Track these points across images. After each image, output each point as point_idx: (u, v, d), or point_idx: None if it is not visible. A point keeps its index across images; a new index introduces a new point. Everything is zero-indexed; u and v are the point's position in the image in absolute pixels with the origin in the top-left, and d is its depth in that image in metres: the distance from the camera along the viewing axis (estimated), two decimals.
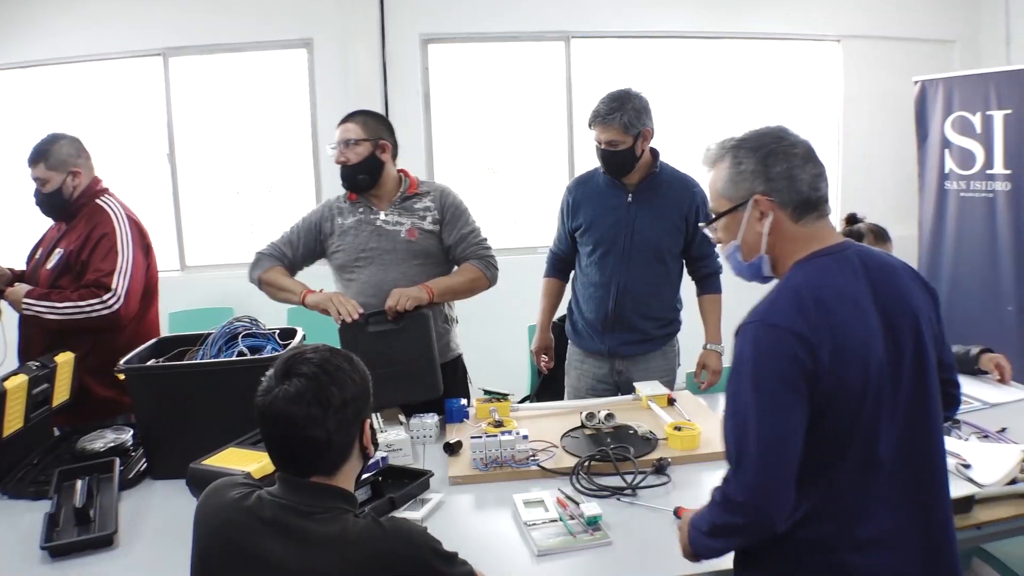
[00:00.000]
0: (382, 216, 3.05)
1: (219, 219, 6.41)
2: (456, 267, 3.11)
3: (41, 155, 3.14)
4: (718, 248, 1.81)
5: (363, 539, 1.46)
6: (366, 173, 3.01)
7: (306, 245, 3.15)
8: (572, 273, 3.43)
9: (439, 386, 2.85)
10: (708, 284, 3.33)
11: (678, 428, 2.56)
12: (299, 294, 2.96)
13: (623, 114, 3.00)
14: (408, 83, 5.99)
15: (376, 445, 1.74)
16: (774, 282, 1.71)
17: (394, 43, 5.97)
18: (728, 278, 3.26)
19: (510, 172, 6.23)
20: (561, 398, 3.45)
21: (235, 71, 6.20)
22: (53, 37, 6.06)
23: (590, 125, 3.11)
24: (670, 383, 3.21)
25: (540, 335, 3.49)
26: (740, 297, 2.05)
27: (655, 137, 3.13)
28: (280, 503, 1.50)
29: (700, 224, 1.82)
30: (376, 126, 3.06)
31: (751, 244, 1.70)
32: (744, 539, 1.64)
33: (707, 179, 1.78)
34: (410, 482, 2.28)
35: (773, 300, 1.60)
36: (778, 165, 1.64)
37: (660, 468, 2.35)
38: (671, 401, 2.91)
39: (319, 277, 3.19)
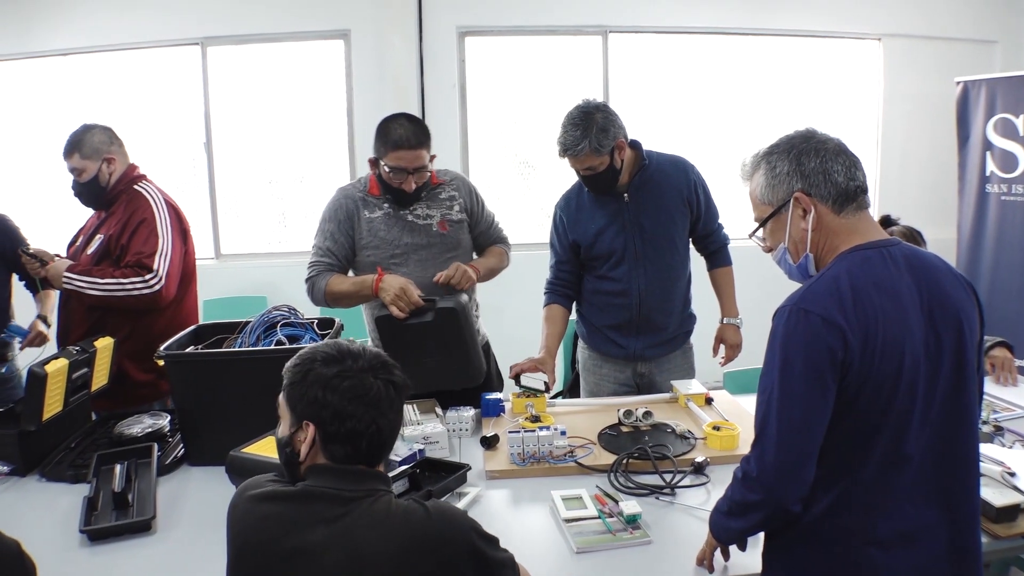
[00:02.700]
0: (413, 211, 2.97)
1: (254, 208, 6.46)
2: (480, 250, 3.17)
3: (75, 145, 3.16)
4: (770, 256, 1.80)
5: (408, 520, 1.46)
6: (422, 191, 2.94)
7: (347, 244, 2.98)
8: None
9: (480, 373, 2.86)
10: (718, 258, 3.29)
11: (717, 428, 2.53)
12: (371, 286, 2.80)
13: (589, 140, 2.85)
14: (444, 75, 5.99)
15: None
16: None
17: (431, 35, 5.97)
18: (739, 262, 3.29)
19: (544, 166, 6.21)
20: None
21: (272, 61, 6.24)
22: (93, 26, 6.13)
23: (560, 156, 2.98)
24: None
25: (543, 359, 3.08)
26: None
27: (656, 130, 3.08)
28: (320, 491, 1.50)
29: (748, 235, 1.81)
30: (431, 144, 2.90)
31: (797, 243, 1.72)
32: (759, 519, 1.66)
33: (747, 192, 1.82)
34: (447, 475, 2.28)
35: (811, 286, 1.62)
36: (811, 161, 1.68)
37: (699, 468, 2.32)
38: (708, 400, 2.88)
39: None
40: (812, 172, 1.67)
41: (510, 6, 6.02)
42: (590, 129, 2.85)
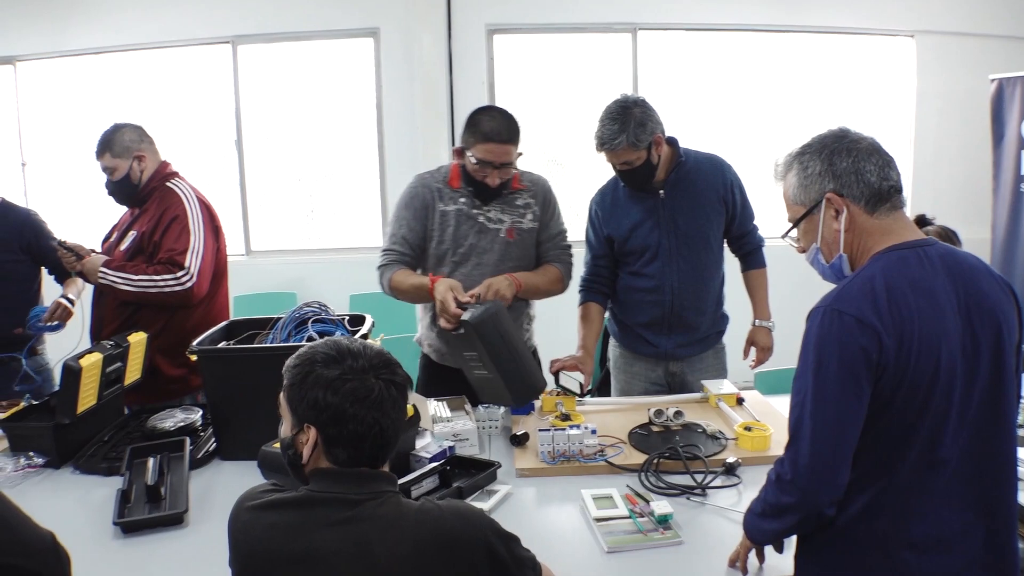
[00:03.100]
0: (486, 212, 2.93)
1: (283, 205, 6.51)
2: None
3: (106, 145, 3.20)
4: (804, 256, 1.79)
5: (421, 520, 1.45)
6: (503, 188, 2.90)
7: (421, 232, 2.95)
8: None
9: (523, 396, 2.66)
10: (752, 259, 3.25)
11: (748, 428, 2.51)
12: (426, 287, 2.75)
13: (627, 134, 2.82)
14: (473, 73, 6.01)
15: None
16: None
17: (460, 33, 5.98)
18: (772, 263, 3.25)
19: (574, 164, 6.20)
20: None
21: (302, 59, 6.28)
22: (125, 25, 6.21)
23: (597, 150, 2.96)
24: None
25: (583, 358, 3.06)
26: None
27: (686, 128, 3.05)
28: (326, 496, 1.48)
29: (781, 235, 1.80)
30: (519, 137, 2.83)
31: (830, 243, 1.71)
32: (793, 521, 1.64)
33: (781, 192, 1.80)
34: (477, 472, 2.27)
35: (845, 286, 1.60)
36: (843, 161, 1.66)
37: (730, 469, 2.30)
38: (740, 401, 2.85)
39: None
40: (844, 172, 1.65)
41: (539, 4, 6.03)
42: (628, 123, 2.83)
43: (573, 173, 6.15)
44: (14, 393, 3.38)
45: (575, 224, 3.08)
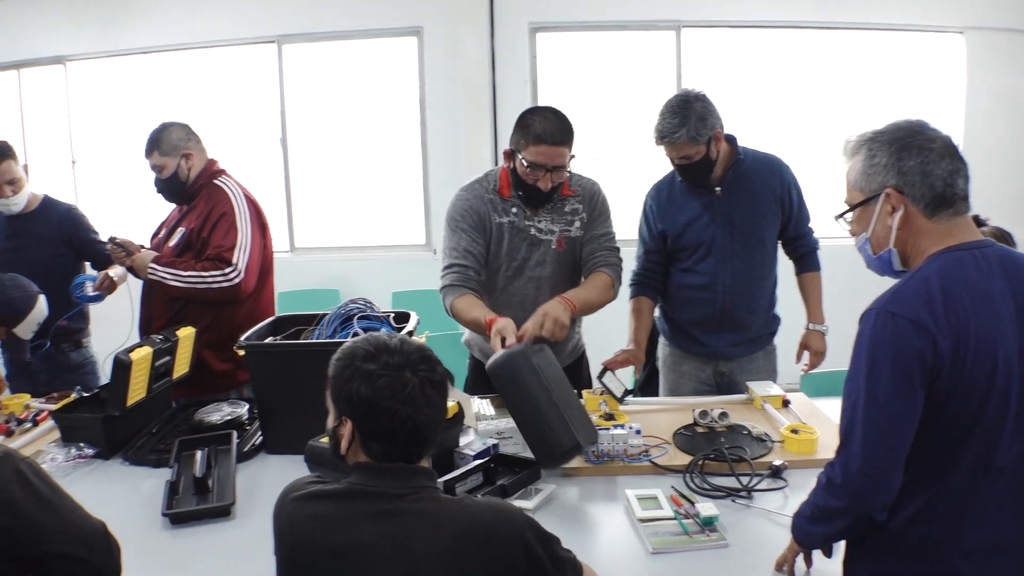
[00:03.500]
0: (536, 223, 2.85)
1: (327, 203, 6.56)
2: (585, 276, 2.90)
3: (154, 144, 3.25)
4: (854, 241, 1.75)
5: (458, 515, 1.45)
6: (555, 192, 2.80)
7: (485, 243, 2.84)
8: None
9: (554, 452, 2.25)
10: (807, 262, 3.22)
11: (795, 431, 2.47)
12: (484, 325, 2.60)
13: (687, 128, 2.81)
14: (516, 72, 6.01)
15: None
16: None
17: (503, 31, 5.99)
18: (823, 263, 3.21)
19: (617, 162, 6.17)
20: (658, 396, 3.35)
21: (346, 58, 6.34)
22: (173, 25, 6.32)
23: (657, 143, 2.95)
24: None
25: (634, 352, 3.07)
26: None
27: (744, 125, 3.00)
28: (366, 489, 1.50)
29: (835, 216, 1.76)
30: (573, 139, 2.73)
31: (880, 237, 1.67)
32: (843, 526, 1.61)
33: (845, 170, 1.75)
34: (521, 471, 2.26)
35: (899, 288, 1.57)
36: (911, 159, 1.60)
37: (776, 472, 2.27)
38: (785, 403, 2.82)
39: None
40: (909, 171, 1.60)
41: (582, 1, 6.01)
42: (688, 117, 2.82)
43: (616, 172, 6.12)
44: (65, 385, 3.45)
45: (616, 221, 3.03)
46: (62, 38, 6.56)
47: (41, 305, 3.16)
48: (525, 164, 2.69)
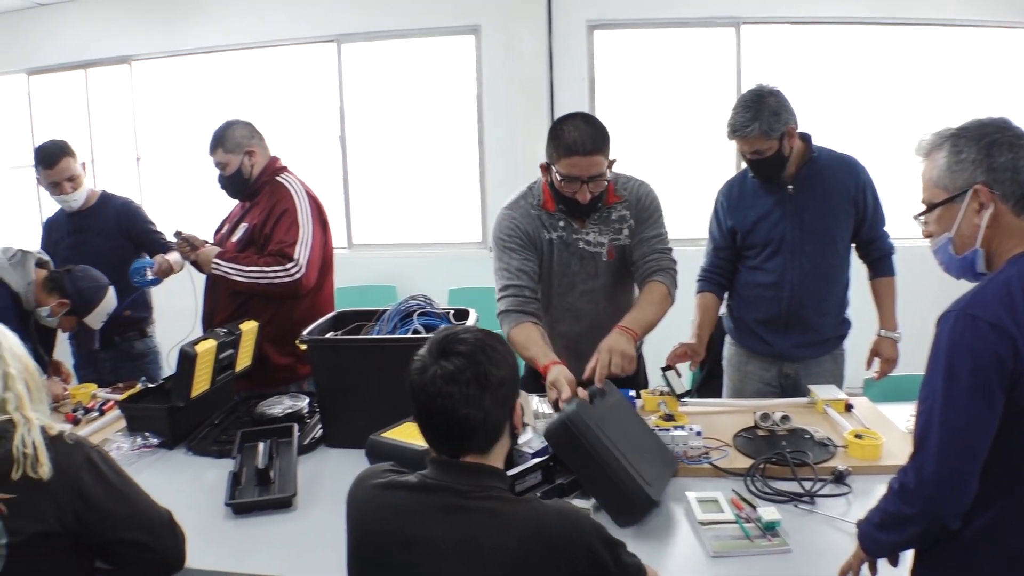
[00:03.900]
0: (584, 236, 2.76)
1: (384, 200, 6.61)
2: (639, 284, 2.78)
3: (218, 141, 3.31)
4: (929, 243, 1.70)
5: (526, 517, 1.44)
6: (599, 201, 2.71)
7: (538, 259, 2.76)
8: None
9: (625, 506, 2.05)
10: (881, 266, 3.14)
11: (859, 436, 2.41)
12: (542, 367, 2.44)
13: (760, 122, 2.78)
14: (573, 70, 5.98)
15: (525, 424, 1.71)
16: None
17: (560, 29, 5.97)
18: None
19: (675, 162, 6.11)
20: (720, 396, 3.31)
21: (404, 57, 6.38)
22: (235, 25, 6.44)
23: (729, 137, 2.91)
24: None
25: (698, 344, 3.04)
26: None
27: (806, 124, 2.92)
28: (436, 484, 1.50)
29: (914, 216, 1.70)
30: (610, 148, 2.62)
31: (966, 237, 1.61)
32: (914, 533, 1.57)
33: (920, 170, 1.69)
34: None
35: (979, 290, 1.52)
36: (1002, 155, 1.55)
37: (840, 477, 2.22)
38: (848, 407, 2.76)
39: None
40: (1001, 167, 1.55)
41: None
42: (762, 111, 2.79)
43: (675, 170, 6.06)
44: (128, 374, 3.53)
45: (674, 220, 2.98)
46: (127, 39, 6.72)
47: (111, 296, 3.26)
48: (559, 178, 2.61)
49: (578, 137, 2.53)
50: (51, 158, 3.64)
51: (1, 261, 3.13)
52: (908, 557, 1.69)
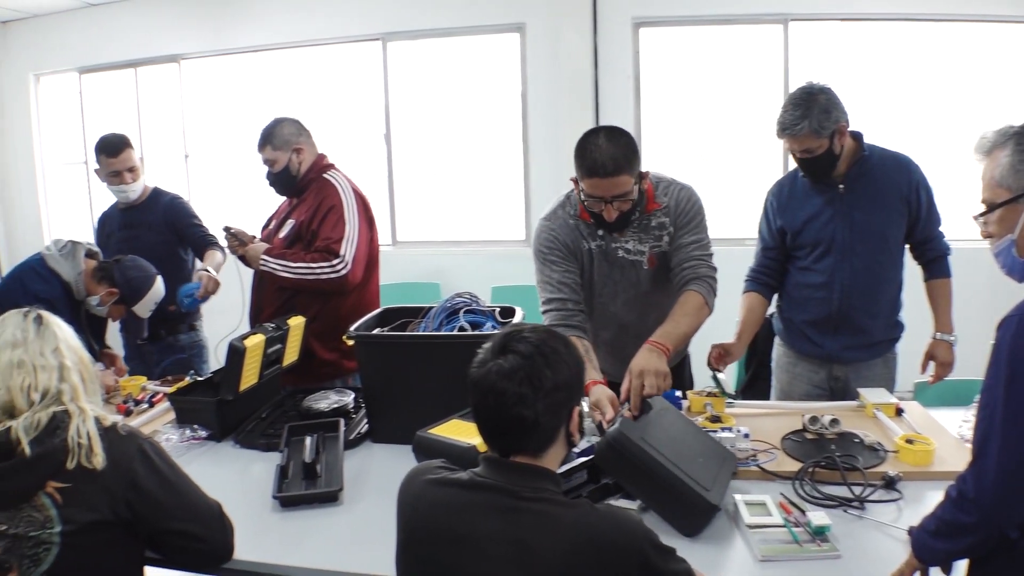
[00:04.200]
0: (624, 244, 2.69)
1: (429, 197, 6.65)
2: (676, 293, 2.66)
3: (267, 138, 3.34)
4: (988, 243, 1.66)
5: (577, 523, 1.44)
6: (632, 214, 2.63)
7: (578, 269, 2.71)
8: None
9: (688, 513, 2.01)
10: (936, 268, 3.06)
11: (910, 441, 2.37)
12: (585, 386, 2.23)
13: (810, 120, 2.73)
14: (619, 67, 5.95)
15: (583, 433, 1.70)
16: None
17: (606, 27, 5.94)
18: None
19: (722, 161, 6.05)
20: (765, 398, 3.27)
21: (449, 55, 6.40)
22: (281, 24, 6.52)
23: (778, 136, 2.87)
24: None
25: (735, 344, 3.00)
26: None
27: (855, 123, 2.86)
28: (487, 483, 1.50)
29: (974, 216, 1.66)
30: (637, 164, 2.51)
31: None
32: (971, 542, 1.54)
33: (980, 169, 1.66)
34: None
35: None
36: None
37: (890, 482, 2.18)
38: (899, 412, 2.70)
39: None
40: None
41: None
42: (812, 109, 2.75)
43: (721, 169, 6.00)
44: (175, 366, 3.59)
45: (720, 219, 2.94)
46: (176, 38, 6.84)
47: (159, 285, 3.33)
48: (582, 197, 2.56)
49: (599, 158, 2.44)
50: (114, 147, 3.75)
51: (53, 252, 3.22)
52: (960, 565, 1.66)
